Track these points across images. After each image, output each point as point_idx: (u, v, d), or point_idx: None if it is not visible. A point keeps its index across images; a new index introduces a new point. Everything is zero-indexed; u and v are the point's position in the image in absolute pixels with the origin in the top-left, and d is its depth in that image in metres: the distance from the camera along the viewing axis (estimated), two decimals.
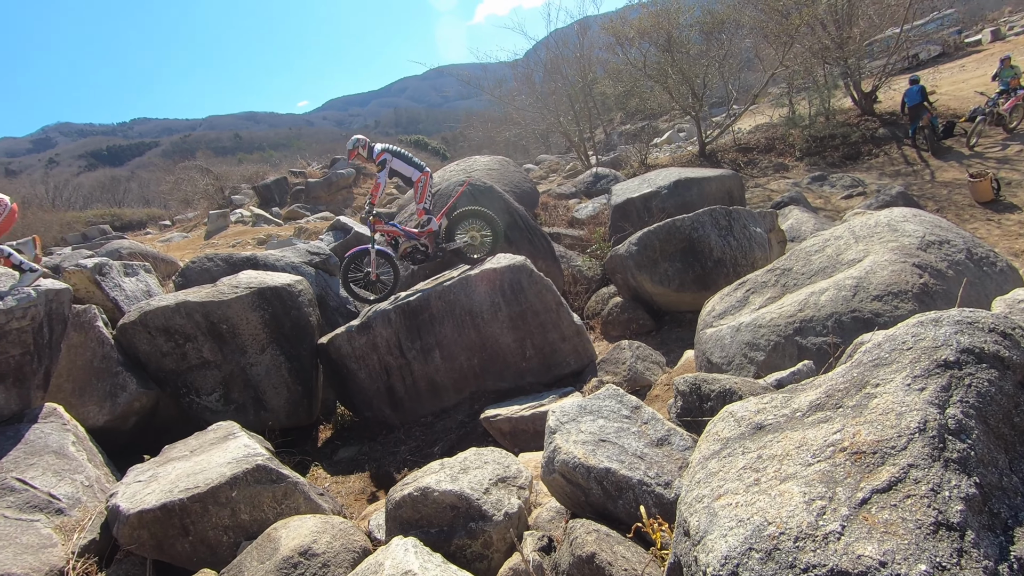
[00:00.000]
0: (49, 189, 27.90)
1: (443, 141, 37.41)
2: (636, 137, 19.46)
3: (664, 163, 15.20)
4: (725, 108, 18.82)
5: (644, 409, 3.04)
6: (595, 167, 15.72)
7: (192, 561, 3.61)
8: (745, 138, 16.02)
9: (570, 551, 2.31)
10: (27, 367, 4.75)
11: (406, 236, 6.54)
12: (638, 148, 16.40)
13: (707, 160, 14.94)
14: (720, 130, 16.12)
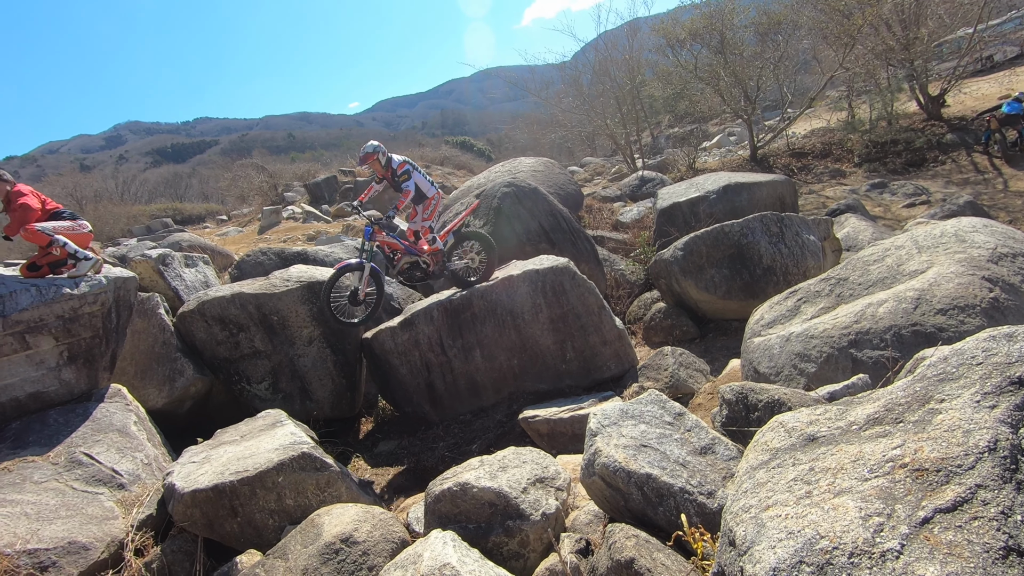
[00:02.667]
0: (118, 184, 29.63)
1: (488, 143, 37.69)
2: (684, 140, 19.10)
3: (713, 167, 14.85)
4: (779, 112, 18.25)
5: (687, 416, 2.98)
6: (641, 170, 15.51)
7: (239, 541, 3.77)
8: (800, 143, 15.48)
9: (608, 555, 2.29)
10: (96, 349, 5.06)
11: (407, 251, 6.05)
12: (686, 152, 16.09)
13: (758, 165, 14.50)
14: (773, 134, 15.62)
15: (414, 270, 6.13)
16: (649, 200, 12.45)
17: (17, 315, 4.59)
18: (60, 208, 5.19)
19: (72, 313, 4.91)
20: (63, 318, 4.85)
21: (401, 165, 5.86)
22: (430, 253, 6.08)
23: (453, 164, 25.99)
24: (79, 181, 25.39)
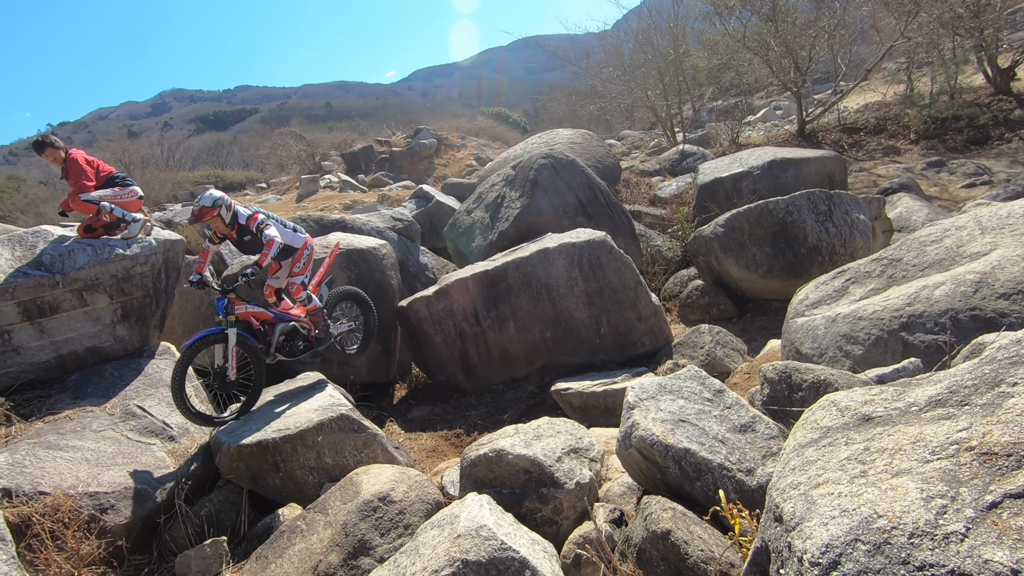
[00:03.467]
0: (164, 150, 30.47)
1: (524, 114, 37.15)
2: (728, 114, 18.43)
3: (757, 142, 14.31)
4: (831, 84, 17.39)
5: (728, 394, 2.94)
6: (681, 144, 15.07)
7: (281, 495, 3.93)
8: (852, 117, 14.73)
9: (644, 526, 2.29)
10: (147, 308, 5.28)
11: (279, 319, 4.71)
12: (729, 126, 15.51)
13: (806, 140, 13.90)
14: (823, 108, 14.90)
15: (295, 341, 4.83)
16: (689, 175, 12.11)
17: (75, 273, 4.81)
18: (113, 172, 5.37)
19: (125, 273, 5.11)
20: (117, 277, 5.06)
21: (253, 218, 4.53)
22: (308, 314, 4.84)
23: (488, 135, 25.75)
24: (127, 147, 26.20)
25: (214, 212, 4.42)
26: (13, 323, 4.56)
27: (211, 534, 3.63)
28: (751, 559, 1.61)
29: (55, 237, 5.06)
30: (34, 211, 19.09)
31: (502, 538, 2.24)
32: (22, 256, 4.83)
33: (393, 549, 2.95)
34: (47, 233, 5.10)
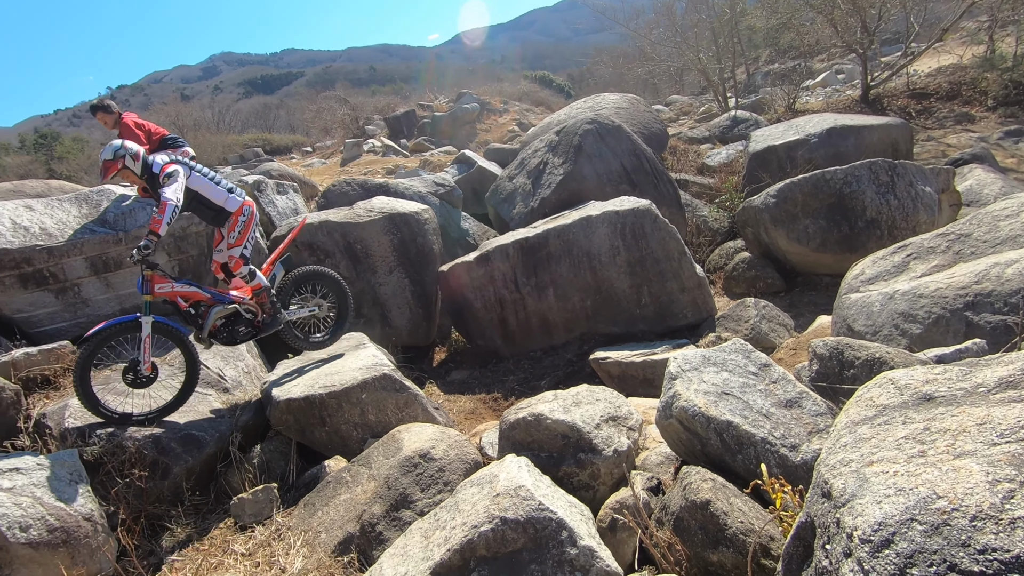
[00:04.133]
0: (214, 114, 31.22)
1: (568, 78, 36.17)
2: (785, 78, 17.47)
3: (816, 108, 13.54)
4: (901, 45, 16.17)
5: (774, 368, 2.86)
6: (733, 110, 14.42)
7: (327, 448, 4.11)
8: (922, 82, 13.71)
9: (683, 495, 2.29)
10: (202, 266, 5.50)
11: (216, 300, 4.12)
12: (786, 90, 14.70)
13: (869, 107, 13.07)
14: (891, 71, 13.91)
15: (235, 325, 4.26)
16: (740, 143, 11.62)
17: (136, 231, 5.04)
18: (166, 134, 5.55)
19: (181, 232, 5.32)
20: (174, 236, 5.27)
21: (163, 168, 3.83)
22: (252, 294, 4.25)
23: (531, 100, 25.26)
24: (180, 110, 26.96)
25: (117, 165, 3.82)
26: (82, 277, 4.85)
27: (262, 480, 3.85)
28: (795, 533, 1.59)
29: (117, 196, 5.31)
30: (96, 171, 20.00)
31: (540, 499, 2.28)
32: (88, 214, 5.09)
33: (433, 504, 3.05)
34: (110, 192, 5.35)
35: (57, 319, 4.80)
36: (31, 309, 4.70)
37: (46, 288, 4.72)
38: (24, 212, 4.88)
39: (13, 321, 4.67)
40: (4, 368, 4.10)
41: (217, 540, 3.38)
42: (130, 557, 3.11)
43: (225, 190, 4.18)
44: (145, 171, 3.90)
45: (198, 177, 4.06)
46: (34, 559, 2.66)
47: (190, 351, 3.97)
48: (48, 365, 4.32)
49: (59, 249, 4.71)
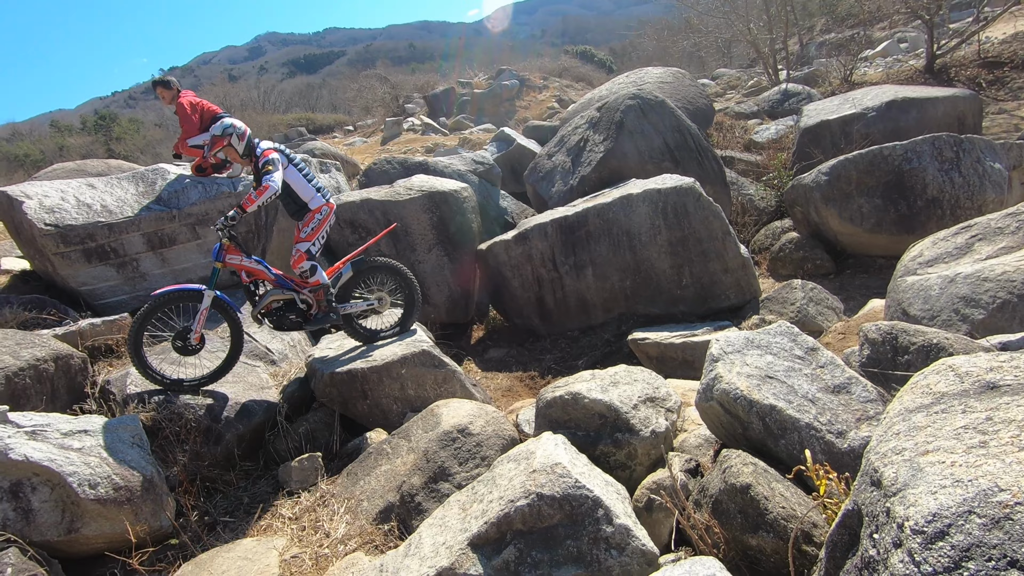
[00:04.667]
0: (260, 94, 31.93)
1: (611, 52, 35.21)
2: (841, 48, 16.51)
3: (874, 80, 12.79)
4: (972, 11, 15.03)
5: (822, 352, 2.76)
6: (784, 83, 13.77)
7: (368, 420, 4.23)
8: (995, 49, 12.73)
9: (722, 478, 2.26)
10: (251, 243, 5.68)
11: (278, 283, 4.25)
12: (842, 61, 13.91)
13: (934, 77, 12.24)
14: (960, 39, 12.96)
15: (286, 312, 4.32)
16: (790, 118, 11.12)
17: (188, 208, 5.24)
18: (218, 111, 5.71)
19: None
20: (223, 214, 5.44)
21: (264, 154, 4.07)
22: (310, 288, 4.31)
23: (571, 76, 24.76)
24: (228, 91, 27.71)
25: (224, 141, 4.12)
26: (140, 252, 5.09)
27: (307, 449, 4.00)
28: (840, 521, 1.55)
29: (171, 175, 5.51)
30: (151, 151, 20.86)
31: (576, 476, 2.29)
32: (144, 192, 5.32)
33: (470, 477, 3.11)
34: (164, 171, 5.56)
35: (118, 292, 5.07)
36: (94, 282, 4.97)
37: (108, 262, 4.98)
38: (87, 190, 5.13)
39: (79, 293, 4.96)
40: (72, 337, 4.37)
41: (266, 504, 3.55)
42: (187, 516, 3.31)
43: (314, 188, 4.31)
44: (247, 152, 4.15)
45: (292, 171, 4.23)
46: (102, 514, 2.86)
47: (238, 326, 4.11)
48: (111, 335, 4.58)
49: (118, 225, 4.95)
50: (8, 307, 4.61)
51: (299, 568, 2.87)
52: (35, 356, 3.74)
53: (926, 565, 1.12)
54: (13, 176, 16.80)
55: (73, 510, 2.83)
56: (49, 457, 2.82)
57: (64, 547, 2.86)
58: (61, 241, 4.74)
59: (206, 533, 3.31)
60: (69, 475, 2.81)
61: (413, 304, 4.66)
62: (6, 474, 2.76)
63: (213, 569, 2.89)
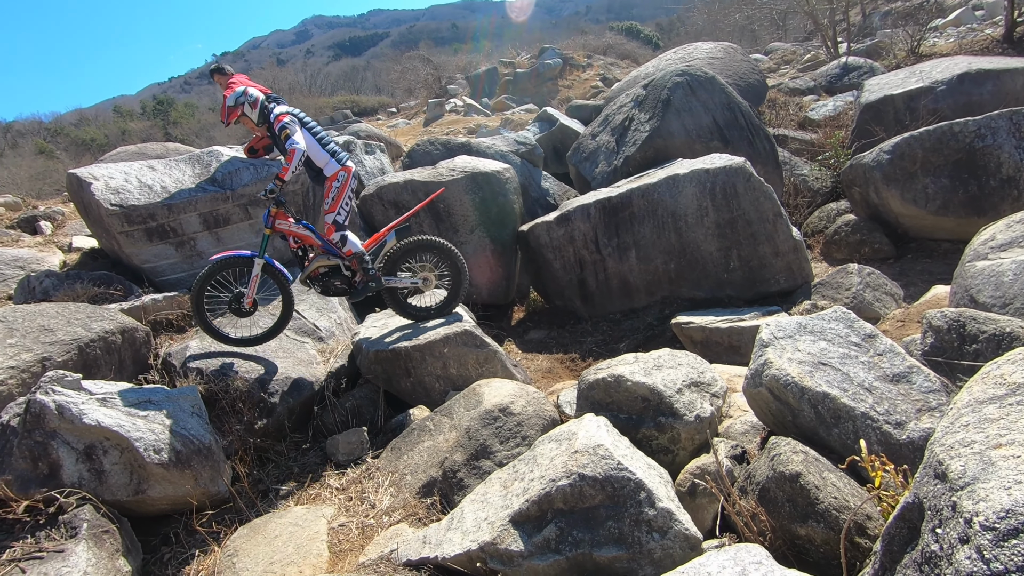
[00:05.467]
0: (307, 77, 32.51)
1: (657, 28, 34.10)
2: (908, 18, 15.45)
3: (946, 51, 11.93)
4: None
5: (880, 339, 2.64)
6: (844, 57, 13.03)
7: (412, 397, 4.32)
8: None
9: (770, 465, 2.20)
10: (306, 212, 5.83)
11: (325, 249, 4.32)
12: (909, 32, 13.02)
13: (1014, 47, 11.32)
14: None
15: (332, 278, 4.38)
16: (850, 93, 10.54)
17: (241, 189, 5.41)
18: (269, 92, 5.85)
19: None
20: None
21: (280, 118, 4.11)
22: (348, 258, 4.32)
23: (616, 53, 24.12)
24: (276, 75, 28.32)
25: (238, 111, 4.17)
26: (197, 231, 5.31)
27: (353, 423, 4.13)
28: (898, 514, 1.48)
29: (224, 157, 5.70)
30: (205, 134, 21.63)
31: (619, 458, 2.28)
32: (200, 173, 5.52)
33: (511, 456, 3.15)
34: (218, 153, 5.76)
35: (177, 269, 5.32)
36: (155, 260, 5.22)
37: (167, 241, 5.22)
38: (148, 172, 5.37)
39: (142, 270, 5.22)
40: (136, 312, 4.62)
41: (314, 474, 3.70)
42: (242, 483, 3.48)
43: (328, 154, 4.29)
44: (262, 119, 4.23)
45: (305, 134, 4.22)
46: (165, 477, 3.04)
47: (288, 292, 4.25)
48: (171, 310, 4.82)
49: (177, 206, 5.17)
50: (79, 283, 4.91)
51: (346, 536, 2.98)
52: (104, 328, 3.97)
53: (996, 563, 1.06)
54: (81, 159, 17.78)
55: (140, 473, 3.02)
56: (118, 423, 3.01)
57: (133, 507, 3.06)
58: (125, 221, 4.99)
59: (259, 499, 3.48)
60: (136, 440, 2.99)
61: (459, 285, 4.61)
62: (81, 437, 2.96)
63: (267, 533, 3.04)
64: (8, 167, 18.74)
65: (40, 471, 2.88)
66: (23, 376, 3.43)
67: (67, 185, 5.72)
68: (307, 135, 4.23)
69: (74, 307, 4.14)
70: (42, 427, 2.91)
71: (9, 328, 3.69)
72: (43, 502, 2.79)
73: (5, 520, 2.74)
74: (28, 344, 3.61)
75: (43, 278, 5.01)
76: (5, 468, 2.84)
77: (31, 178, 17.42)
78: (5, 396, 3.29)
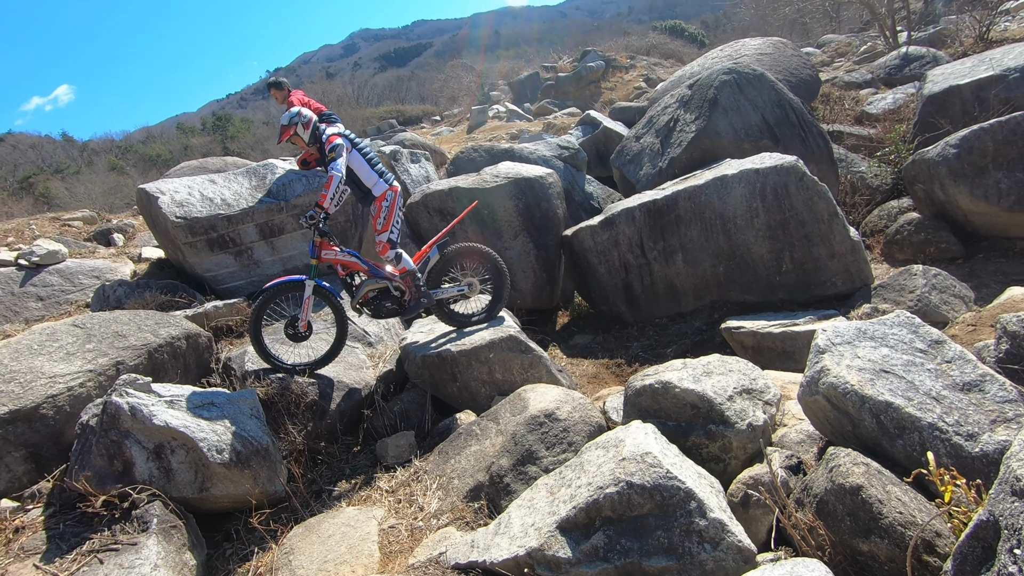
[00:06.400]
0: (354, 89, 33.57)
1: (702, 25, 33.40)
2: (976, 2, 14.54)
3: (1018, 36, 11.18)
4: None
5: (949, 345, 2.49)
6: (904, 46, 12.39)
7: (458, 402, 4.38)
8: None
9: (829, 477, 2.12)
10: (349, 232, 6.03)
11: (372, 273, 4.40)
12: (977, 17, 12.24)
13: None
14: None
15: (383, 300, 4.45)
16: (911, 85, 10.01)
17: (294, 200, 5.63)
18: (324, 110, 6.11)
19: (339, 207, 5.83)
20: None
21: (329, 140, 4.19)
22: (400, 275, 4.41)
23: (659, 53, 23.77)
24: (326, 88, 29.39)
25: (291, 130, 4.30)
26: (254, 241, 5.56)
27: (401, 427, 4.22)
28: (971, 532, 1.40)
29: (279, 169, 5.95)
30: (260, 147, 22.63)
31: (668, 467, 2.24)
32: (256, 186, 5.78)
33: (557, 462, 3.14)
34: (273, 166, 6.02)
35: (236, 278, 5.58)
36: (216, 269, 5.50)
37: (227, 251, 5.49)
38: (209, 186, 5.67)
39: (204, 279, 5.51)
40: (199, 318, 4.88)
41: (365, 476, 3.80)
42: (297, 483, 3.61)
43: (377, 174, 4.39)
44: (313, 140, 4.32)
45: (356, 155, 4.33)
46: (227, 476, 3.19)
47: (341, 313, 4.31)
48: (231, 317, 5.06)
49: (236, 217, 5.43)
50: (149, 291, 5.23)
51: (396, 538, 3.04)
52: (171, 334, 4.22)
53: None
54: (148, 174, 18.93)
55: (204, 472, 3.18)
56: (184, 424, 3.19)
57: (197, 504, 3.23)
58: (189, 232, 5.28)
59: (313, 499, 3.60)
60: (200, 440, 3.15)
61: (502, 291, 4.66)
62: (151, 437, 3.15)
63: (320, 533, 3.14)
64: (85, 183, 20.17)
65: (115, 468, 3.08)
66: (100, 379, 3.68)
67: (137, 199, 6.11)
68: (357, 155, 4.34)
69: (144, 314, 4.41)
70: (117, 427, 3.11)
71: (88, 334, 3.97)
72: (118, 497, 2.98)
73: (85, 513, 2.95)
74: (104, 349, 3.88)
75: (116, 287, 5.36)
76: (85, 465, 3.05)
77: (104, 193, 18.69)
78: (84, 397, 3.54)
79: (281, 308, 4.33)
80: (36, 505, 3.18)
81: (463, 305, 4.82)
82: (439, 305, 4.61)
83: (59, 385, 3.52)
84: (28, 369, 3.57)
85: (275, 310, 4.31)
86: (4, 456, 3.27)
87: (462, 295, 4.64)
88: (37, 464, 3.36)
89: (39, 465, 3.37)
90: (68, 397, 3.50)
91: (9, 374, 3.51)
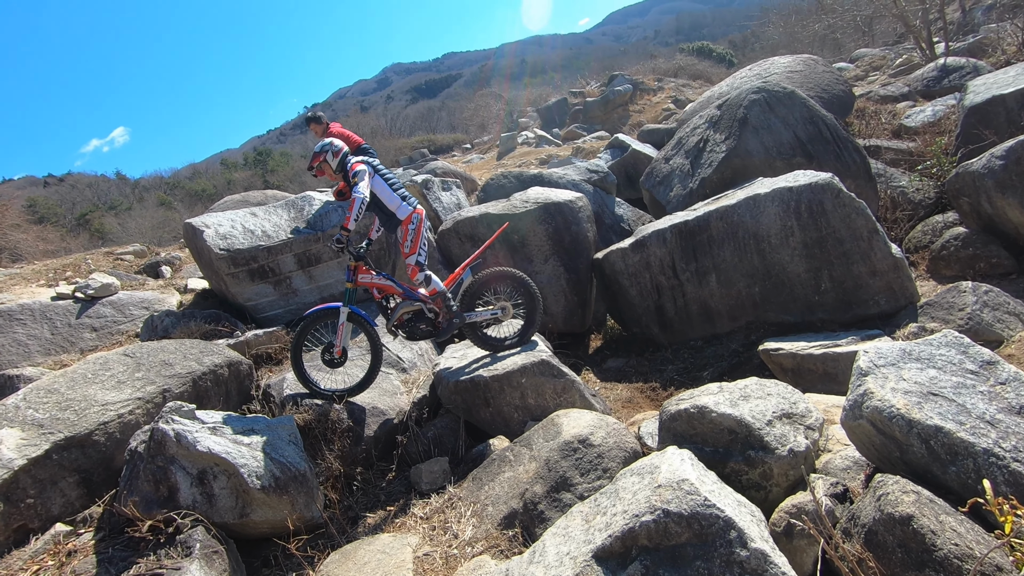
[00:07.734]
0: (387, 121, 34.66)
1: (730, 45, 33.34)
2: (1018, 9, 14.13)
3: None
4: None
5: (1003, 366, 2.38)
6: (942, 57, 12.09)
7: (491, 427, 4.37)
8: None
9: (876, 506, 2.02)
10: (383, 259, 6.17)
11: (406, 296, 4.47)
12: (1020, 24, 11.88)
13: None
14: None
15: (417, 322, 4.53)
16: (951, 96, 9.72)
17: (331, 230, 5.81)
18: (361, 143, 6.36)
19: (365, 230, 6.00)
20: (360, 234, 5.96)
21: (354, 166, 4.26)
22: (431, 296, 4.48)
23: (688, 74, 23.80)
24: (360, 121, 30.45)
25: (321, 157, 4.41)
26: (292, 270, 5.74)
27: (435, 453, 4.23)
28: None
29: (317, 202, 6.17)
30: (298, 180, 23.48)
31: (705, 494, 2.19)
32: (295, 217, 6.00)
33: (592, 489, 3.09)
34: (311, 198, 6.24)
35: (275, 306, 5.76)
36: (257, 298, 5.70)
37: (267, 280, 5.68)
38: (250, 218, 5.91)
39: (245, 308, 5.71)
40: (240, 346, 5.04)
41: (399, 502, 3.81)
42: (333, 509, 3.65)
43: (400, 197, 4.45)
44: (340, 168, 4.44)
45: (379, 180, 4.43)
46: (266, 502, 3.26)
47: (375, 340, 4.39)
48: (270, 344, 5.21)
49: (275, 248, 5.63)
50: (193, 321, 5.44)
51: (431, 566, 3.03)
52: (214, 363, 4.37)
53: None
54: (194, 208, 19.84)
55: (244, 497, 3.25)
56: (226, 450, 3.28)
57: (238, 529, 3.30)
58: (231, 263, 5.50)
59: (349, 525, 3.62)
60: (241, 466, 3.24)
61: (535, 315, 4.66)
62: (195, 462, 3.24)
63: (356, 559, 3.16)
64: (136, 219, 21.28)
65: (160, 493, 3.18)
66: (148, 406, 3.83)
67: (183, 233, 6.41)
68: (379, 180, 4.42)
69: (189, 343, 4.59)
70: (163, 453, 3.22)
71: (137, 363, 4.15)
72: (163, 522, 3.07)
73: (132, 538, 3.04)
74: (152, 377, 4.04)
75: (164, 317, 5.61)
76: (133, 490, 3.16)
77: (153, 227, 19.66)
78: (133, 424, 3.69)
79: (320, 335, 4.45)
80: (88, 529, 3.30)
81: (496, 329, 4.84)
82: (472, 329, 4.63)
83: (110, 412, 3.68)
84: (82, 397, 3.75)
85: (315, 336, 4.43)
86: (59, 481, 3.41)
87: (495, 318, 4.65)
88: (89, 489, 3.50)
89: (91, 490, 3.51)
90: (118, 424, 3.65)
91: (65, 402, 3.69)
